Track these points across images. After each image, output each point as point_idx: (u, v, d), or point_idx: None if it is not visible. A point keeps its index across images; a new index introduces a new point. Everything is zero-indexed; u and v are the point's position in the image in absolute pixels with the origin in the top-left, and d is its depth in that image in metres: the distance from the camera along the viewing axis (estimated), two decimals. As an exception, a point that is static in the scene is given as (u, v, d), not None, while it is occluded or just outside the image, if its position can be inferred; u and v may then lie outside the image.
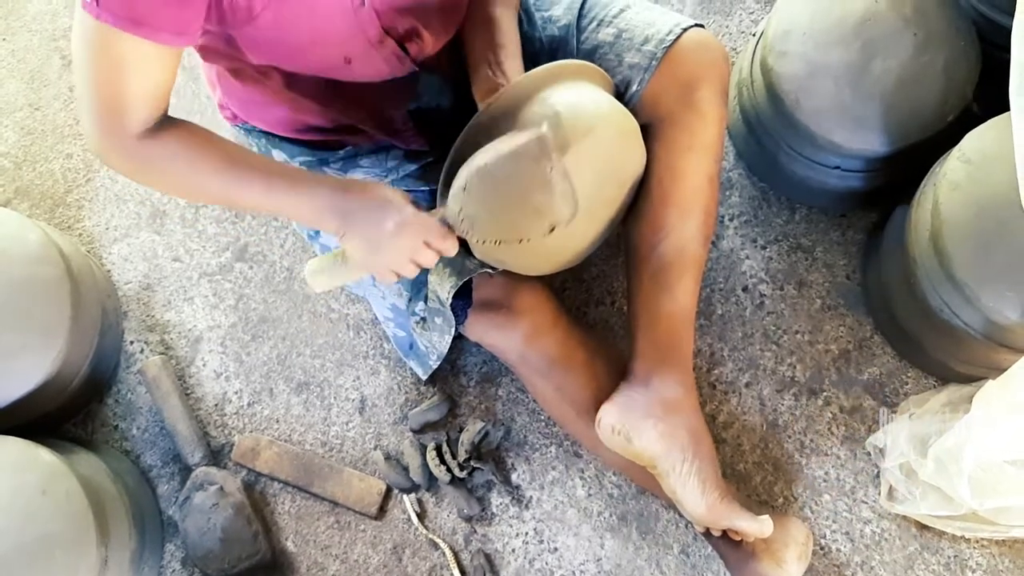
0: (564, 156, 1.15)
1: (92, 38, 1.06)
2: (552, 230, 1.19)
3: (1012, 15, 1.23)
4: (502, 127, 1.18)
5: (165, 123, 1.17)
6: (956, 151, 1.35)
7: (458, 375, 1.66)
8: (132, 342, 1.74)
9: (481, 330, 1.44)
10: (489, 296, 1.41)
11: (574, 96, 1.21)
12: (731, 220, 1.73)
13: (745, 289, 1.68)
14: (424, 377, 1.59)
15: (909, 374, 1.61)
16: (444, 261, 1.30)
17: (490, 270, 1.34)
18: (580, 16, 1.42)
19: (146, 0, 1.02)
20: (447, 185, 1.23)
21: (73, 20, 1.06)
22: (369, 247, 1.19)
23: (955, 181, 1.32)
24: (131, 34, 1.03)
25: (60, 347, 1.52)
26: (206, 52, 1.24)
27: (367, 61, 1.25)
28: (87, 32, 1.06)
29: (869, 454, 1.55)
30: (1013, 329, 1.30)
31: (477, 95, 1.27)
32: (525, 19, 1.42)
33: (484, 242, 1.22)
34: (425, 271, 1.32)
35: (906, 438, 1.46)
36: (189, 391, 1.70)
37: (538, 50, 1.41)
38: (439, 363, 1.52)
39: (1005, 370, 1.32)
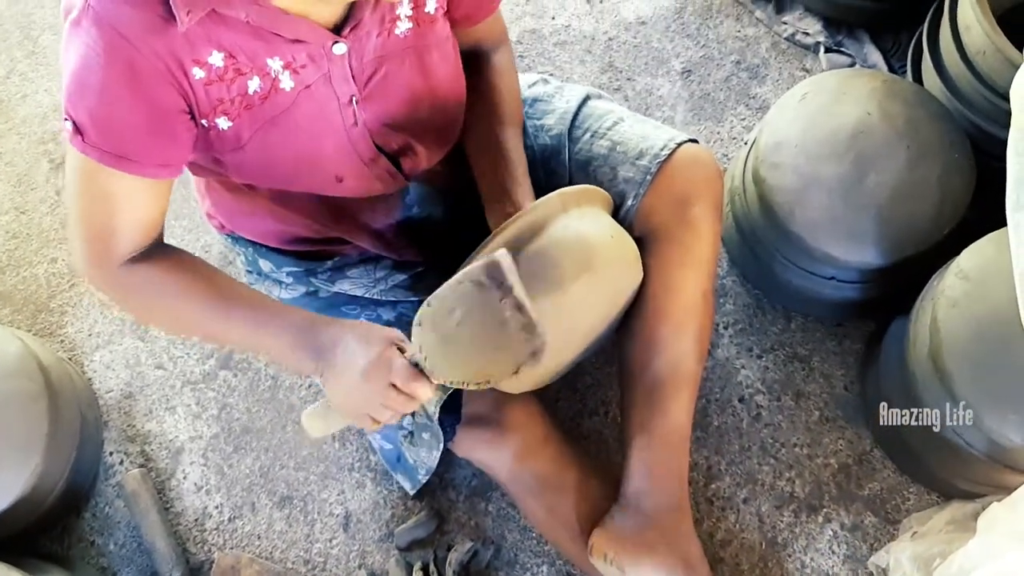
0: (561, 290, 1.10)
1: (81, 169, 1.05)
2: (517, 371, 1.07)
3: (1006, 127, 1.22)
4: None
5: (154, 251, 1.14)
6: (954, 267, 1.33)
7: (446, 489, 1.61)
8: (112, 453, 1.69)
9: (470, 446, 1.40)
10: (478, 412, 1.37)
11: (581, 227, 1.18)
12: (726, 328, 1.71)
13: (742, 400, 1.65)
14: (412, 492, 1.54)
15: (911, 489, 1.56)
16: None
17: None
18: (573, 126, 1.41)
19: (131, 136, 1.02)
20: None
21: (62, 123, 1.05)
22: (341, 390, 1.11)
23: (953, 298, 1.30)
24: (116, 169, 1.03)
25: (36, 463, 1.48)
26: (193, 167, 1.22)
27: (359, 179, 1.23)
28: (76, 162, 1.05)
29: (872, 574, 1.50)
30: (1017, 451, 1.27)
31: (491, 223, 1.23)
32: (517, 128, 1.41)
33: (449, 382, 1.10)
34: None
35: (909, 558, 1.41)
36: (169, 505, 1.65)
37: (530, 159, 1.39)
38: (428, 478, 1.48)
39: (1010, 489, 1.29)
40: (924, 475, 1.55)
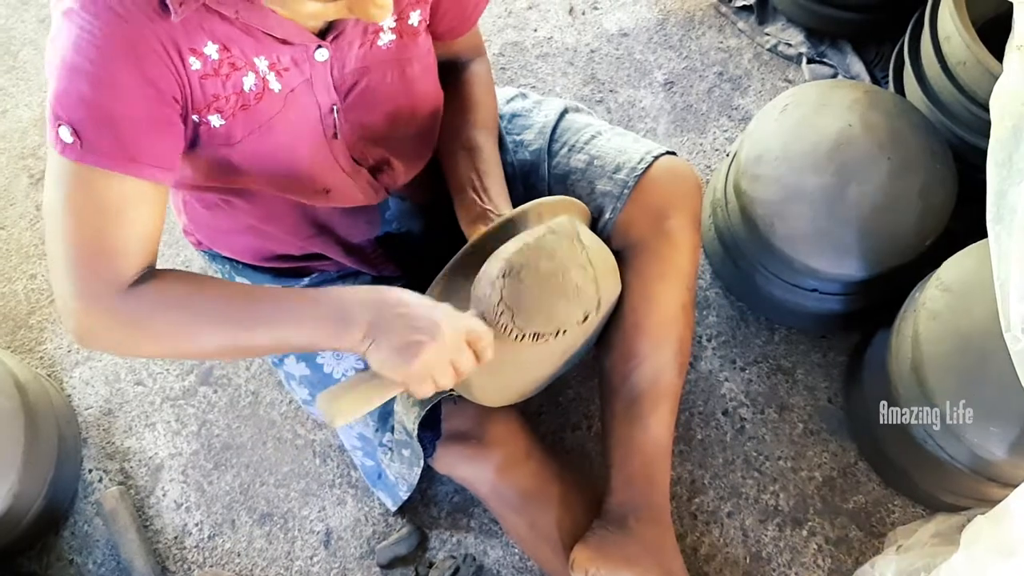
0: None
1: (71, 184, 0.96)
2: (585, 319, 1.15)
3: (988, 137, 1.21)
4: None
5: (149, 275, 1.04)
6: (935, 279, 1.32)
7: (428, 505, 1.60)
8: (91, 470, 1.67)
9: (451, 463, 1.38)
10: (459, 427, 1.35)
11: None
12: (709, 340, 1.70)
13: (725, 412, 1.64)
14: (393, 508, 1.52)
15: (896, 502, 1.55)
16: None
17: (454, 397, 1.28)
18: (551, 140, 1.40)
19: (131, 127, 0.95)
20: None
21: (43, 137, 0.99)
22: (406, 352, 1.01)
23: (934, 310, 1.29)
24: (122, 173, 0.96)
25: (13, 482, 1.46)
26: None
27: (343, 190, 1.23)
28: (64, 179, 0.96)
29: (857, 587, 1.49)
30: (999, 464, 1.26)
31: (463, 220, 1.22)
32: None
33: (521, 336, 1.09)
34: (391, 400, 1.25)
35: (894, 572, 1.39)
36: (148, 522, 1.63)
37: (510, 175, 1.38)
38: (409, 494, 1.46)
39: (994, 502, 1.27)
40: (908, 488, 1.53)
